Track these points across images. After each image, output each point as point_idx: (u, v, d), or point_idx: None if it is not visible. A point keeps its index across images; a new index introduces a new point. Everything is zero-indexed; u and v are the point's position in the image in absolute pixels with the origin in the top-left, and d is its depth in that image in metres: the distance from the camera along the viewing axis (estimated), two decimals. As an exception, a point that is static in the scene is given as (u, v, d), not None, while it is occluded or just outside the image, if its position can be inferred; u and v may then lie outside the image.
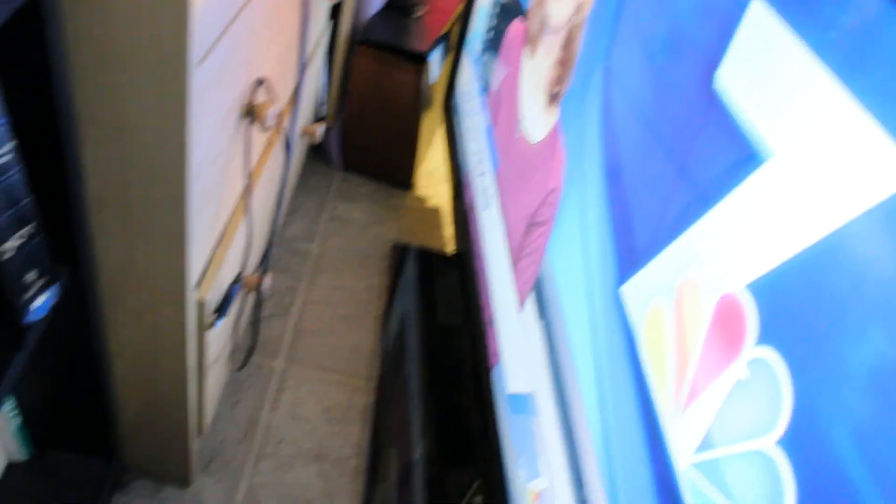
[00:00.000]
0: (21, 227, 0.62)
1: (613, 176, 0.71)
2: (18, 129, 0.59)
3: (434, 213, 1.80)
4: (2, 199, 0.59)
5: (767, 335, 0.45)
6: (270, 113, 0.87)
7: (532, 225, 0.94)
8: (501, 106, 1.19)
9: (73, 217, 0.72)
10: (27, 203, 0.62)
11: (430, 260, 1.63)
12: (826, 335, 0.40)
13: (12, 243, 0.62)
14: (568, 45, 0.91)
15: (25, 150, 0.61)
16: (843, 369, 0.38)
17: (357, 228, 1.70)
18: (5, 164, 0.57)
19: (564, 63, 0.91)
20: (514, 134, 1.07)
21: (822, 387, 0.40)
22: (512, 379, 0.96)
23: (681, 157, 0.58)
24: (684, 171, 0.57)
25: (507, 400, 0.98)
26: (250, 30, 0.83)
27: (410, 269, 1.59)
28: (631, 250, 0.65)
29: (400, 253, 1.63)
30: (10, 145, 0.57)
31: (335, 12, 1.58)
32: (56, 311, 0.74)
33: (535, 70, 1.03)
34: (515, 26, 1.19)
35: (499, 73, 1.25)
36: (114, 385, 0.97)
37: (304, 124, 1.43)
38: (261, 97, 0.91)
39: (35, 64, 0.59)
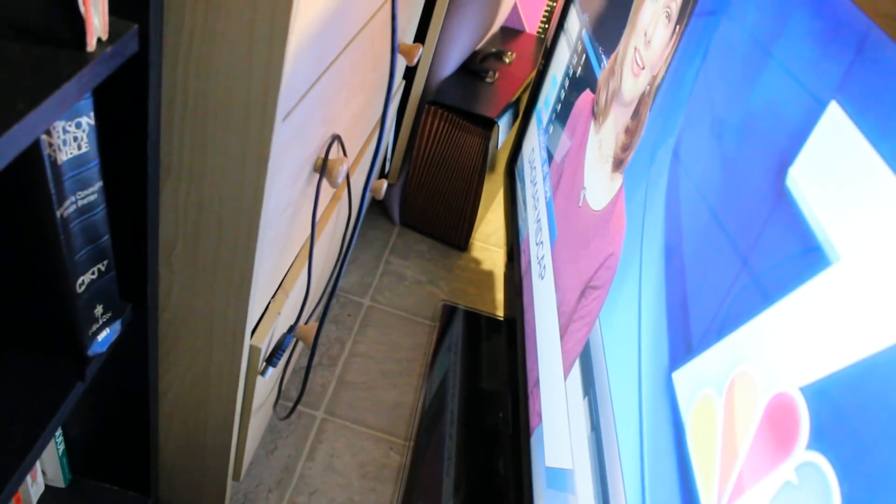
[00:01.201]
0: (97, 263, 0.64)
1: (673, 255, 0.71)
2: (104, 170, 0.61)
3: (487, 276, 1.80)
4: (84, 234, 0.60)
5: (819, 440, 0.43)
6: (342, 170, 0.89)
7: (588, 288, 0.93)
8: (565, 174, 1.20)
9: (142, 256, 0.74)
10: (106, 240, 0.64)
11: (477, 322, 1.63)
12: (880, 447, 0.38)
13: (87, 277, 0.63)
14: (638, 114, 0.91)
15: (107, 188, 0.63)
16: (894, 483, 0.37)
17: (409, 285, 1.70)
18: (92, 202, 0.59)
19: (632, 132, 0.92)
20: (577, 202, 1.07)
21: (873, 499, 0.38)
22: (551, 452, 0.94)
23: (745, 248, 0.58)
24: (747, 263, 0.57)
25: (544, 473, 0.96)
26: (332, 88, 0.85)
27: (457, 330, 1.59)
28: (686, 336, 0.64)
29: (448, 313, 1.63)
30: (98, 185, 0.59)
31: (409, 72, 1.62)
32: (115, 345, 0.75)
33: (602, 138, 1.04)
34: (585, 97, 1.21)
35: (564, 144, 1.25)
36: (158, 422, 0.97)
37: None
38: (333, 153, 0.93)
39: (130, 110, 0.61)
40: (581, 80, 1.26)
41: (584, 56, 1.27)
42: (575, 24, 1.40)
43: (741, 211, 0.60)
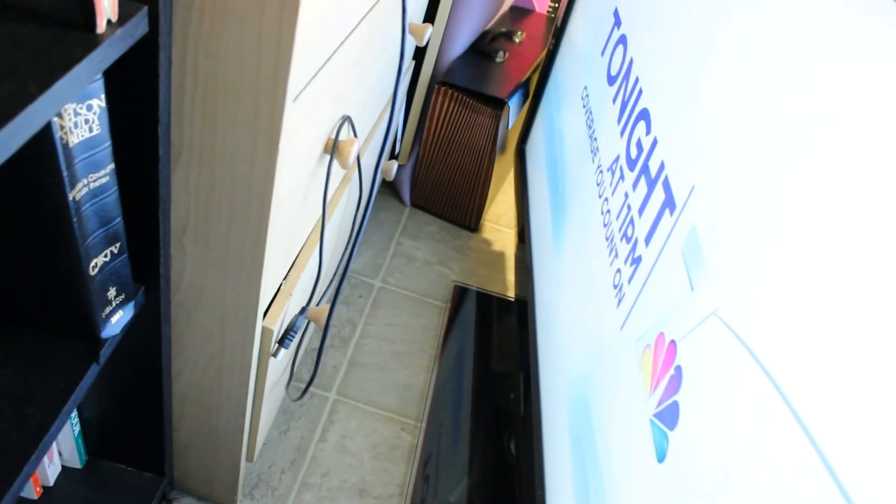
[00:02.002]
0: (109, 245, 0.64)
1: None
2: (116, 152, 0.61)
3: (498, 257, 1.80)
4: (96, 217, 0.60)
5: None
6: (352, 151, 0.88)
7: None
8: (577, 153, 1.19)
9: (154, 238, 0.74)
10: (118, 222, 0.64)
11: (489, 304, 1.63)
12: None
13: (99, 259, 0.64)
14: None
15: (119, 171, 0.63)
16: None
17: (420, 266, 1.70)
18: (104, 185, 0.59)
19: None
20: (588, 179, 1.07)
21: None
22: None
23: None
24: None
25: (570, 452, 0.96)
26: (342, 69, 0.85)
27: (468, 312, 1.59)
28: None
29: (460, 294, 1.63)
30: (109, 167, 0.59)
31: (419, 52, 1.61)
32: (129, 327, 0.76)
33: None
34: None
35: (575, 122, 1.25)
36: (172, 403, 0.98)
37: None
38: (344, 134, 0.93)
39: (141, 92, 0.61)
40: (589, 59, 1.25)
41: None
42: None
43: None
